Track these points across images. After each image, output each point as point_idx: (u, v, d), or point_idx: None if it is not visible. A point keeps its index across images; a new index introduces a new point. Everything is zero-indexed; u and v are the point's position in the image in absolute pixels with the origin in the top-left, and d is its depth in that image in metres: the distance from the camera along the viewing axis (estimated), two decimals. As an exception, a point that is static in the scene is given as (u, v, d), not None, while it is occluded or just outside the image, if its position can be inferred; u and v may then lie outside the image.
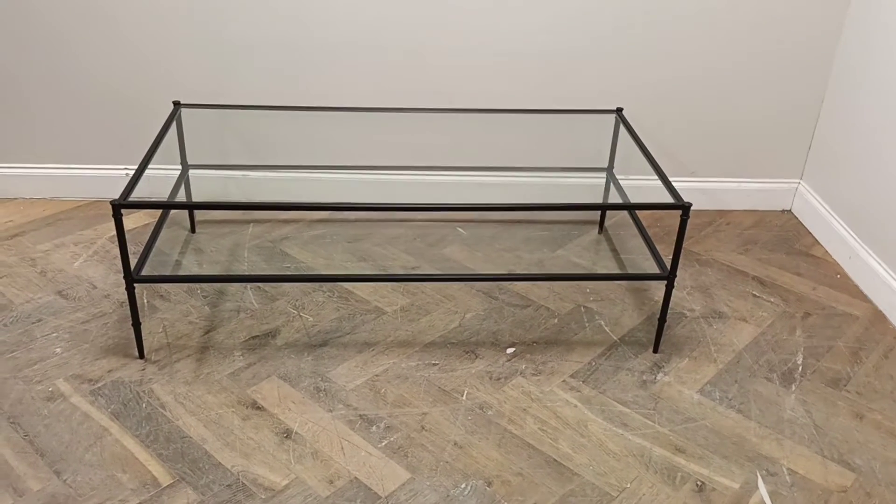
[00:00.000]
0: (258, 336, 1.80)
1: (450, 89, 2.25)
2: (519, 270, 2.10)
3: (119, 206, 1.51)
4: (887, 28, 2.01)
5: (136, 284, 1.62)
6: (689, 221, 2.36)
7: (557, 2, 2.13)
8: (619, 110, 2.10)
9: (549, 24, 2.17)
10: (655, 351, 1.80)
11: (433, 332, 1.84)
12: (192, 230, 2.20)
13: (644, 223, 1.97)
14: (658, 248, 1.94)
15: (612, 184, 2.15)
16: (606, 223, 2.33)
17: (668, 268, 1.70)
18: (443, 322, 1.88)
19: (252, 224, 2.25)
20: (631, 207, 2.00)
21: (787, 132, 2.36)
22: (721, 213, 2.45)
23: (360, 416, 1.57)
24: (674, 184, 1.72)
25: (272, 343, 1.78)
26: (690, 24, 2.18)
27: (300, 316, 1.87)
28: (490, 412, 1.60)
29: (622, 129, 2.06)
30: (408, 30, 2.16)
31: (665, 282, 1.71)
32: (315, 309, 1.90)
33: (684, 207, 1.61)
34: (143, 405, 1.58)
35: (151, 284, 1.94)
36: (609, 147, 2.13)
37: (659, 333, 1.78)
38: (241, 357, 1.73)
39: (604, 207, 2.28)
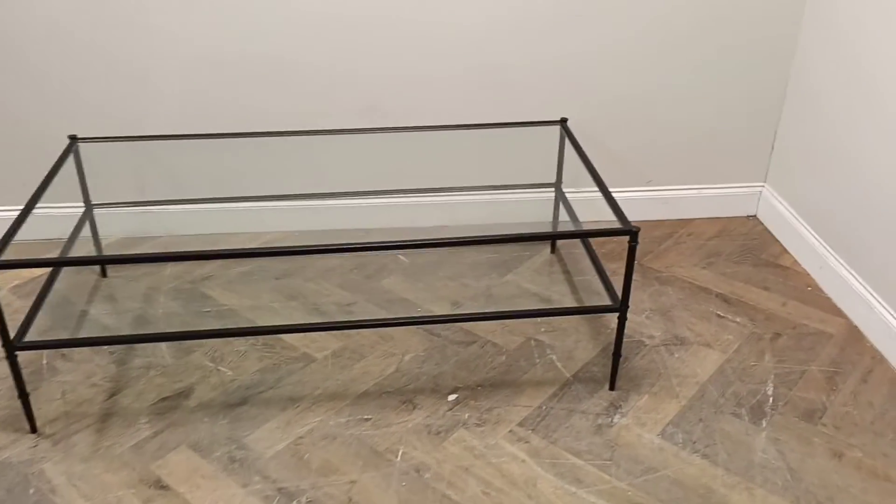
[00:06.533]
0: (169, 397, 1.61)
1: (385, 107, 2.07)
2: (465, 301, 1.93)
3: (-15, 268, 1.32)
4: (845, 24, 1.85)
5: (19, 352, 1.42)
6: (647, 234, 2.21)
7: (496, 7, 1.96)
8: (563, 121, 1.93)
9: (487, 31, 1.99)
10: (612, 388, 1.63)
11: (367, 381, 1.66)
12: (103, 274, 2.00)
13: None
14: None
15: (561, 201, 1.98)
16: (559, 242, 2.16)
17: (621, 298, 1.53)
18: (379, 367, 1.69)
19: (171, 263, 2.05)
20: (572, 236, 1.84)
21: (748, 133, 2.20)
22: (682, 223, 2.28)
23: (278, 489, 1.39)
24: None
25: (184, 405, 1.59)
26: (641, 25, 2.01)
27: (217, 370, 1.68)
28: (427, 475, 1.42)
29: (575, 138, 1.89)
30: (335, 44, 1.97)
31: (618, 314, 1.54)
32: (235, 360, 1.71)
33: (632, 233, 1.44)
34: (31, 491, 1.38)
35: (53, 341, 1.74)
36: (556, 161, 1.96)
37: (614, 370, 1.61)
38: (148, 424, 1.53)
39: (545, 237, 2.10)
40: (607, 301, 1.59)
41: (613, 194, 1.56)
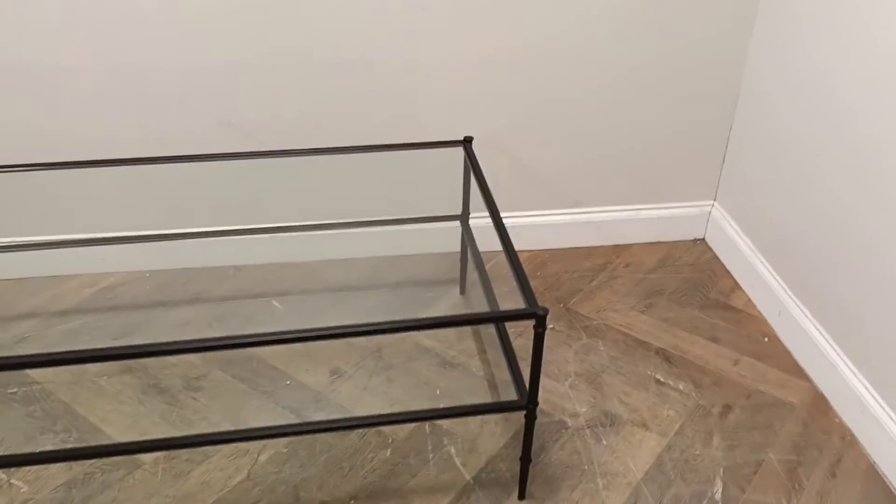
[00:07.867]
0: (-67, 532, 1.21)
1: (244, 122, 1.65)
2: (348, 368, 1.55)
3: None
4: (797, 29, 1.49)
5: None
6: (577, 266, 1.86)
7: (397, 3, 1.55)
8: (467, 141, 1.54)
9: (378, 27, 1.59)
10: (521, 497, 1.28)
11: (206, 496, 1.28)
12: None
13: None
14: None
15: (467, 236, 1.61)
16: (470, 277, 1.78)
17: (528, 393, 1.17)
18: (224, 474, 1.31)
19: (-22, 322, 1.64)
20: (470, 322, 1.48)
21: (695, 143, 1.84)
22: (617, 251, 1.93)
23: None
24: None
25: (-48, 544, 1.19)
26: (568, 20, 1.63)
27: (10, 484, 1.28)
28: None
29: (477, 162, 1.50)
30: (181, 44, 1.55)
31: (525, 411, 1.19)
32: (36, 467, 1.31)
33: (538, 317, 1.08)
34: None
35: None
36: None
37: (524, 476, 1.26)
38: None
39: (437, 325, 1.52)
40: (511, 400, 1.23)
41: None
